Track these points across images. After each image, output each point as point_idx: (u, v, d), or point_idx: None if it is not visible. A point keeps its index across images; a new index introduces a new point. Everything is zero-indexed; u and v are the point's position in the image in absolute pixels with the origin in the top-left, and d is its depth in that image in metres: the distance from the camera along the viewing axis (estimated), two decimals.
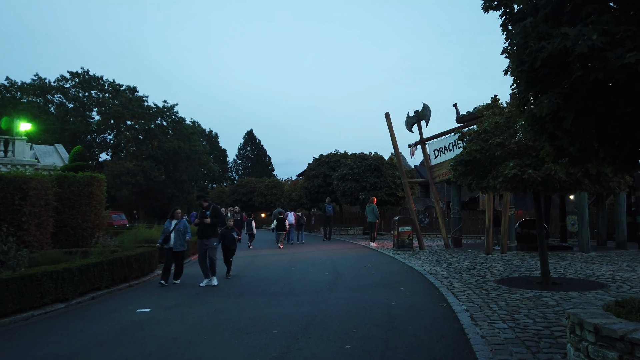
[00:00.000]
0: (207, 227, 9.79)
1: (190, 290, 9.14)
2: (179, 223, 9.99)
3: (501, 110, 8.93)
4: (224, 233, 10.61)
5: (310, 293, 8.42)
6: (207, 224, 9.76)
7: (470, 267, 11.26)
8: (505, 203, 14.69)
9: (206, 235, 9.77)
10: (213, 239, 9.88)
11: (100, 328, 6.27)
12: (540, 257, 8.77)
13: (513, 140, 8.04)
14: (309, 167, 29.62)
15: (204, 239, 9.76)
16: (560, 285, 8.38)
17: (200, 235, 9.84)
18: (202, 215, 9.87)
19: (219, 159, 75.83)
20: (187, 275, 10.77)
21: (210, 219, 9.80)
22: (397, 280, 9.77)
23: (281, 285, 9.43)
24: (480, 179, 8.69)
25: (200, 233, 9.84)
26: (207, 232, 9.79)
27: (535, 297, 7.37)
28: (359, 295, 8.06)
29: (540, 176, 7.51)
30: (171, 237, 9.84)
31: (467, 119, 15.69)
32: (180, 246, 9.92)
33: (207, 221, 9.73)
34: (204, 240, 9.77)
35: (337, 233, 27.27)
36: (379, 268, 11.75)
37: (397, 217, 16.85)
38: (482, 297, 7.49)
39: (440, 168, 16.90)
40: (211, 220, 9.81)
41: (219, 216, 10.10)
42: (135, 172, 45.57)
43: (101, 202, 13.27)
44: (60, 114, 49.13)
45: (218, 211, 10.14)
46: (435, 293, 8.12)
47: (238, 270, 11.88)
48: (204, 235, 9.78)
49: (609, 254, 14.02)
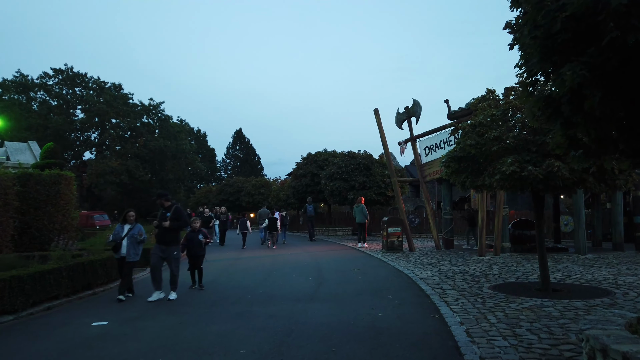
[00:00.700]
0: (167, 231, 8.23)
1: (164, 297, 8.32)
2: (134, 228, 8.45)
3: (497, 102, 8.24)
4: (190, 237, 9.21)
5: (290, 302, 7.66)
6: (166, 227, 8.20)
7: (463, 271, 10.57)
8: (499, 203, 14.05)
9: (164, 241, 8.28)
10: (174, 248, 8.34)
11: (42, 347, 5.46)
12: (539, 261, 8.09)
13: (511, 134, 7.35)
14: (297, 166, 28.85)
15: (162, 245, 8.30)
16: (561, 293, 7.70)
17: (159, 239, 8.39)
18: (161, 217, 8.32)
19: (207, 158, 74.73)
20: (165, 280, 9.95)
21: (171, 222, 8.20)
22: (385, 286, 9.04)
23: (258, 292, 8.65)
24: (475, 177, 7.99)
25: (159, 237, 8.39)
26: (165, 237, 8.27)
27: (536, 306, 6.68)
28: (342, 305, 7.31)
29: (541, 173, 6.81)
30: (123, 245, 8.28)
31: (459, 115, 15.01)
32: (134, 255, 8.37)
33: (165, 224, 8.16)
34: (161, 247, 8.30)
35: (326, 234, 26.54)
36: (366, 272, 11.02)
37: (387, 218, 16.15)
38: (477, 306, 6.78)
39: (431, 166, 16.22)
40: (171, 223, 8.20)
41: (182, 219, 8.45)
42: (120, 171, 44.46)
43: (70, 202, 12.39)
44: (43, 112, 47.87)
45: (181, 213, 8.52)
46: (426, 302, 7.39)
47: (216, 275, 11.09)
48: (162, 240, 8.32)
49: (606, 256, 13.43)
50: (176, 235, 8.44)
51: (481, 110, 8.14)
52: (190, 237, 9.23)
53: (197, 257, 9.26)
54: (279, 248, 18.48)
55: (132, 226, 8.47)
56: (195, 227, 9.34)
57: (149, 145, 48.17)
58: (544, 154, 7.26)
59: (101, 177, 43.79)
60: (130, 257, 8.31)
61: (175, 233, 8.39)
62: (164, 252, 8.29)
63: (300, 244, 20.68)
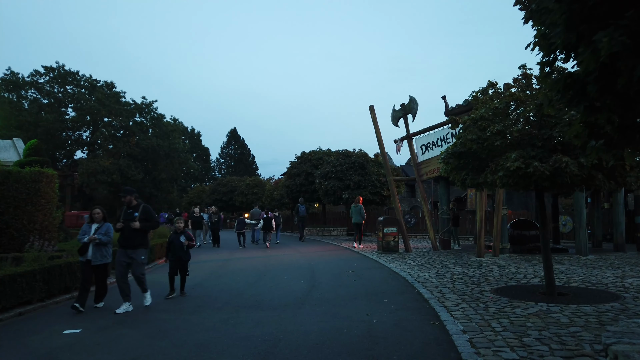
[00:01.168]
0: (135, 233, 7.33)
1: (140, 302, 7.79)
2: (101, 227, 7.48)
3: (499, 95, 7.78)
4: (172, 240, 8.43)
5: (279, 307, 7.17)
6: (133, 229, 7.28)
7: (462, 273, 10.12)
8: (498, 202, 13.61)
9: (131, 245, 7.33)
10: (141, 251, 7.42)
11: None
12: (544, 263, 7.64)
13: (515, 127, 6.89)
14: (290, 166, 28.34)
15: (128, 249, 7.33)
16: (567, 297, 7.26)
17: (124, 243, 7.36)
18: (126, 217, 7.36)
19: (201, 157, 74.06)
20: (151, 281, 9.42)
21: (140, 222, 7.34)
22: (381, 289, 8.56)
23: (247, 296, 8.15)
24: (475, 174, 7.53)
25: (123, 241, 7.36)
26: (132, 241, 7.32)
27: (543, 312, 6.22)
28: (335, 310, 6.83)
29: (548, 169, 6.36)
30: (90, 247, 7.36)
31: (457, 111, 14.56)
32: (101, 258, 7.42)
33: (135, 225, 7.25)
34: (127, 251, 7.32)
35: (320, 234, 26.08)
36: (361, 274, 10.54)
37: (382, 218, 15.68)
38: (480, 312, 6.31)
39: (428, 165, 15.77)
40: (141, 224, 7.33)
41: (152, 219, 7.56)
42: (112, 170, 43.77)
43: (51, 201, 11.81)
44: (34, 110, 47.12)
45: (151, 213, 7.58)
46: (425, 306, 6.92)
47: (203, 277, 10.58)
48: (128, 244, 7.33)
49: (608, 257, 13.03)
50: (144, 237, 7.50)
51: (482, 104, 7.68)
52: (172, 240, 8.46)
53: (180, 261, 8.44)
54: (272, 249, 18.00)
55: (99, 225, 7.51)
56: (179, 227, 8.56)
57: (142, 144, 47.49)
58: (549, 149, 6.82)
59: (92, 176, 43.11)
60: (96, 259, 7.36)
61: (143, 235, 7.47)
62: (129, 256, 7.34)
63: (294, 244, 20.20)
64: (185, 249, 8.45)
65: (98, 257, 7.39)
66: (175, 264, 8.40)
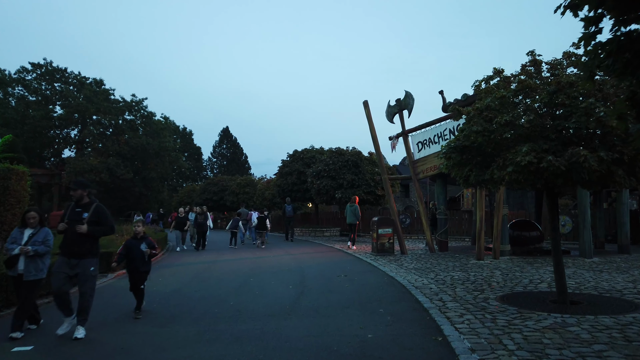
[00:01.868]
0: (82, 239, 5.70)
1: (109, 313, 7.02)
2: (37, 234, 5.90)
3: (507, 83, 7.09)
4: (130, 246, 6.89)
5: (262, 318, 6.42)
6: (81, 233, 5.66)
7: (462, 277, 9.42)
8: (498, 201, 12.94)
9: (77, 253, 5.69)
10: (90, 261, 5.78)
11: None
12: (554, 268, 6.95)
13: (525, 118, 6.18)
14: (282, 164, 27.58)
15: (73, 259, 5.70)
16: (581, 306, 6.57)
17: (67, 251, 5.73)
18: (73, 217, 5.77)
19: (193, 156, 73.08)
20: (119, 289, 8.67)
21: (89, 226, 5.73)
22: (376, 296, 7.84)
23: (228, 305, 7.39)
24: (480, 170, 6.82)
25: (67, 247, 5.72)
26: (79, 248, 5.70)
27: (558, 325, 5.52)
28: (325, 322, 6.10)
29: (563, 164, 5.66)
30: (20, 258, 5.75)
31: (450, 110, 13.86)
32: (36, 272, 5.77)
33: (81, 229, 5.65)
34: (71, 261, 5.71)
35: (312, 234, 25.35)
36: (354, 279, 9.82)
37: (377, 218, 14.97)
38: (487, 325, 5.60)
39: (424, 163, 15.07)
40: (90, 229, 5.73)
41: (106, 222, 5.94)
42: (100, 169, 42.76)
43: (22, 200, 10.99)
44: (21, 108, 46.05)
45: (105, 214, 5.96)
46: (425, 318, 6.21)
47: (184, 282, 9.82)
48: (73, 252, 5.69)
49: (614, 260, 12.41)
50: (94, 244, 5.90)
51: (488, 93, 6.98)
52: (130, 246, 6.91)
53: (137, 273, 6.87)
54: (262, 250, 17.26)
55: (35, 231, 5.93)
56: (138, 232, 7.04)
57: (131, 142, 46.52)
58: (564, 142, 6.13)
59: (80, 175, 42.03)
60: (29, 274, 5.72)
61: (93, 241, 5.88)
62: (75, 268, 5.70)
63: (284, 245, 19.46)
64: (147, 259, 6.96)
65: (32, 270, 5.75)
66: (133, 275, 6.89)
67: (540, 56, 7.08)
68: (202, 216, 16.67)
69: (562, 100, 6.02)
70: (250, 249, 17.70)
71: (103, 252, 10.39)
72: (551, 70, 6.90)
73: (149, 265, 7.05)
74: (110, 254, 11.05)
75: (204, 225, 16.62)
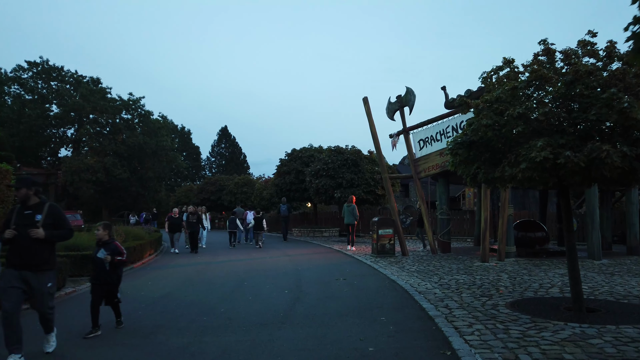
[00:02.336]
0: (36, 247, 4.78)
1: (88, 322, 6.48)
2: None
3: (517, 74, 6.59)
4: (93, 254, 5.97)
5: (254, 327, 5.92)
6: (36, 239, 4.75)
7: (468, 281, 8.93)
8: (503, 201, 12.45)
9: (30, 265, 4.74)
10: (47, 274, 4.89)
11: None
12: (569, 273, 6.45)
13: (541, 110, 5.68)
14: (280, 163, 27.06)
15: (25, 271, 4.72)
16: (599, 314, 6.08)
17: (18, 262, 4.72)
18: (23, 221, 4.80)
19: (191, 156, 72.54)
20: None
21: (45, 230, 4.81)
22: (376, 302, 7.34)
23: (219, 312, 6.89)
24: (489, 168, 6.32)
25: (17, 259, 4.73)
26: (32, 258, 4.75)
27: (578, 337, 5.02)
28: (321, 333, 5.59)
29: (583, 161, 5.16)
30: None
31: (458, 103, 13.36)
32: None
33: (37, 234, 4.73)
34: (22, 274, 4.71)
35: (311, 235, 24.85)
36: (354, 282, 9.32)
37: (377, 218, 14.47)
38: (500, 336, 5.10)
39: (426, 161, 14.57)
40: (47, 233, 4.81)
41: (64, 225, 5.04)
42: (97, 168, 42.23)
43: (5, 200, 10.52)
44: (17, 107, 45.53)
45: (62, 216, 5.07)
46: (430, 328, 5.71)
47: (174, 286, 9.32)
48: (26, 263, 4.73)
49: (623, 261, 11.94)
50: (52, 252, 4.99)
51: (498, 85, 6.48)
52: (93, 254, 5.97)
53: (103, 285, 5.81)
54: (258, 251, 16.77)
55: None
56: (100, 237, 5.86)
57: (128, 141, 45.97)
58: (580, 136, 5.63)
59: (76, 175, 41.58)
60: None
61: (51, 249, 4.97)
62: (28, 282, 4.74)
63: (282, 246, 18.97)
64: (109, 268, 5.78)
65: None
66: (97, 289, 5.81)
67: (553, 45, 6.58)
68: (194, 216, 16.10)
69: (581, 91, 5.52)
70: (247, 250, 17.21)
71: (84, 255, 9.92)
72: (565, 60, 6.40)
73: (114, 275, 5.88)
74: None
75: (195, 226, 16.00)
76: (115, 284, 5.95)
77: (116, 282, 5.96)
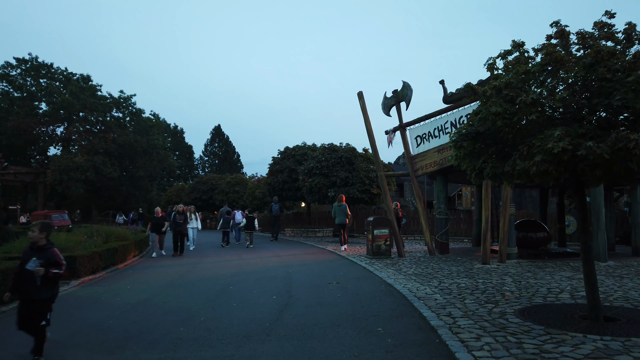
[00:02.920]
0: None
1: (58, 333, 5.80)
2: None
3: (527, 59, 5.98)
4: (22, 259, 4.76)
5: (236, 340, 5.26)
6: None
7: (470, 285, 8.31)
8: (505, 199, 11.85)
9: None
10: None
11: None
12: (585, 279, 5.85)
13: (557, 96, 5.07)
14: (273, 162, 26.38)
15: None
16: (619, 323, 5.47)
17: None
18: None
19: (184, 155, 71.68)
20: (81, 299, 7.46)
21: None
22: (372, 310, 6.70)
23: (198, 321, 6.22)
24: (498, 161, 5.69)
25: None
26: None
27: (602, 352, 4.41)
28: (311, 347, 4.95)
29: (607, 152, 4.55)
30: None
31: (457, 97, 12.78)
32: None
33: None
34: None
35: (304, 235, 24.19)
36: (347, 287, 8.68)
37: (372, 218, 13.82)
38: (513, 351, 4.48)
39: (423, 158, 13.95)
40: None
41: None
42: (86, 167, 41.29)
43: None
44: (5, 104, 44.57)
45: None
46: (434, 341, 5.07)
47: (156, 290, 8.65)
48: None
49: (630, 263, 11.39)
50: None
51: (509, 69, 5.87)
52: (23, 259, 4.75)
53: (29, 302, 4.65)
54: (248, 252, 16.10)
55: None
56: (33, 239, 4.74)
57: (118, 140, 45.06)
58: (602, 126, 5.03)
59: (65, 173, 40.64)
60: None
61: None
62: None
63: (272, 247, 18.32)
64: (40, 282, 4.60)
65: None
66: (22, 305, 4.69)
67: (567, 27, 5.97)
68: (182, 216, 15.36)
69: (603, 74, 4.90)
70: (236, 251, 16.53)
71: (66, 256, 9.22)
72: (581, 43, 5.79)
73: (48, 291, 4.67)
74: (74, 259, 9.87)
75: (181, 226, 15.21)
76: (46, 300, 4.69)
77: (48, 299, 4.72)
